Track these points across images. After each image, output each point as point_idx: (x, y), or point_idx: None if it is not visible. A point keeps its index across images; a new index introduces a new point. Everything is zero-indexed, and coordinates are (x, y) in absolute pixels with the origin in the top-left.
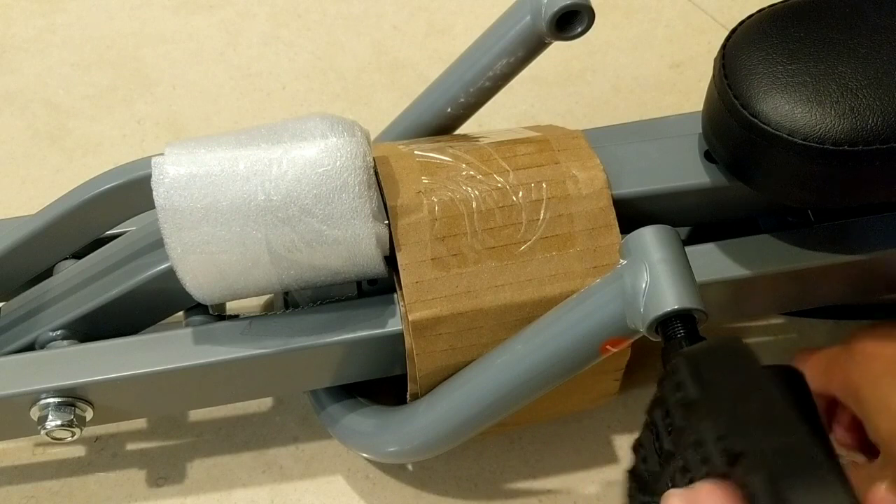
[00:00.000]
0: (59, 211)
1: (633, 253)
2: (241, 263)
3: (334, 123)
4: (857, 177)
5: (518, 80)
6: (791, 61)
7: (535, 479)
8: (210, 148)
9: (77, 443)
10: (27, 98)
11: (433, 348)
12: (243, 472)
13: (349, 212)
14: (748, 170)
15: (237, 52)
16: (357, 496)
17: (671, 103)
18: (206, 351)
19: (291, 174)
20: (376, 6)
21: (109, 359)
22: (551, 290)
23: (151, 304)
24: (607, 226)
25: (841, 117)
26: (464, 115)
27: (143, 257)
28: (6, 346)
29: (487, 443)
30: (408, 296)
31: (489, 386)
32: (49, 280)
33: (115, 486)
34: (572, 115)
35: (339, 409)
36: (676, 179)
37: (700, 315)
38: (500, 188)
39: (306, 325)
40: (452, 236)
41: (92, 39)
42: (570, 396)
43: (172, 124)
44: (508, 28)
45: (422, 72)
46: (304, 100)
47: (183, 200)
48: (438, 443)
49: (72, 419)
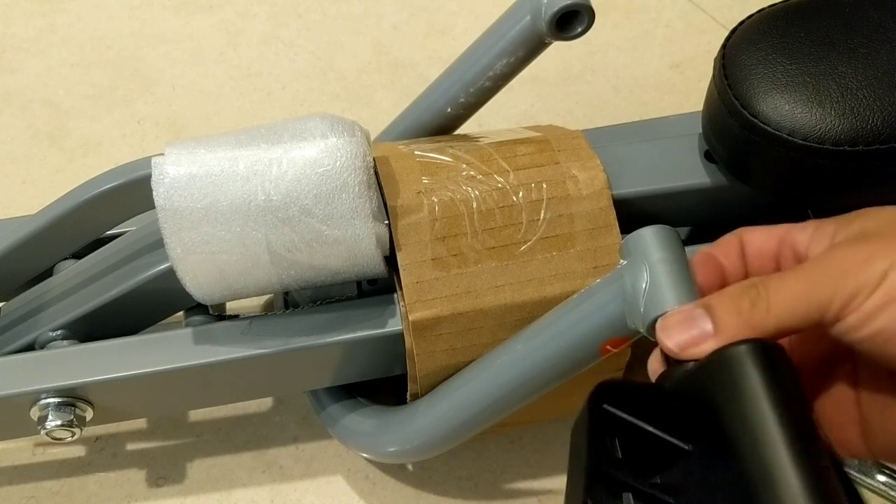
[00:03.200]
0: (59, 211)
1: (633, 253)
2: (241, 263)
3: (334, 123)
4: (857, 177)
5: (518, 80)
6: (791, 61)
7: (535, 479)
8: (210, 148)
9: (77, 443)
10: (27, 98)
11: (433, 348)
12: (243, 472)
13: (349, 212)
14: (748, 170)
15: (237, 52)
16: (357, 496)
17: (671, 103)
18: (206, 351)
19: (291, 174)
20: (376, 6)
21: (109, 359)
22: (551, 290)
23: (151, 304)
24: (607, 226)
25: (841, 117)
26: (464, 115)
27: (143, 257)
28: (6, 346)
29: (487, 443)
30: (408, 296)
31: (489, 386)
32: (49, 280)
33: (115, 486)
34: (572, 115)
35: (339, 409)
36: (676, 179)
37: None
38: (501, 188)
39: (306, 325)
40: (453, 236)
41: (92, 39)
42: (570, 396)
43: (172, 124)
44: (508, 28)
45: (422, 72)
46: (304, 100)
47: (183, 200)
48: (438, 443)
49: (72, 419)
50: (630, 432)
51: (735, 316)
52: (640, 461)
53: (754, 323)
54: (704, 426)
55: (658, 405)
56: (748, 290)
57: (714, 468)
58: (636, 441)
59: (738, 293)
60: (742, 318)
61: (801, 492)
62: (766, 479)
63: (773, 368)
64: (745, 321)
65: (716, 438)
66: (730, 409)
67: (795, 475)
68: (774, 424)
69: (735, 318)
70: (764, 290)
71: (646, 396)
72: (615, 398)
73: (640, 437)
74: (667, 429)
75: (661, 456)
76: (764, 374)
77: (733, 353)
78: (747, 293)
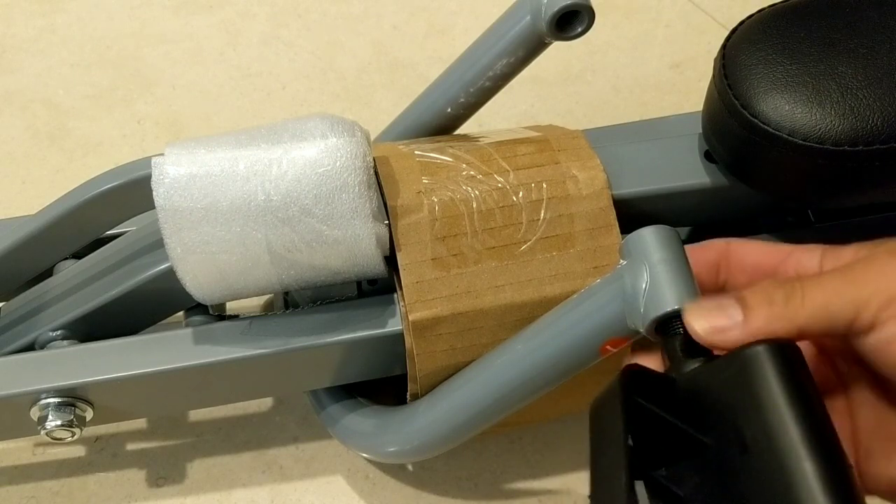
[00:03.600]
0: (59, 211)
1: (633, 253)
2: (241, 263)
3: (334, 123)
4: (857, 177)
5: (518, 80)
6: (791, 61)
7: (535, 479)
8: (210, 148)
9: (77, 443)
10: (27, 98)
11: (433, 348)
12: (243, 472)
13: (349, 212)
14: (748, 170)
15: (237, 52)
16: (357, 496)
17: (671, 103)
18: (206, 351)
19: (291, 174)
20: (376, 6)
21: (109, 359)
22: (551, 290)
23: (151, 304)
24: (607, 226)
25: (841, 117)
26: (464, 115)
27: (143, 257)
28: (6, 346)
29: (487, 443)
30: (408, 296)
31: (489, 386)
32: (49, 280)
33: (115, 486)
34: (572, 115)
35: (339, 409)
36: (676, 179)
37: None
38: (501, 188)
39: (306, 325)
40: (453, 236)
41: (92, 39)
42: (570, 396)
43: (172, 124)
44: (508, 28)
45: (422, 72)
46: (304, 100)
47: (183, 201)
48: (438, 443)
49: (72, 419)
50: (644, 420)
51: (767, 307)
52: (651, 450)
53: (787, 316)
54: (717, 421)
55: (670, 396)
56: (783, 284)
57: (727, 464)
58: (649, 429)
59: (774, 286)
60: (774, 309)
61: (822, 492)
62: (786, 479)
63: (791, 368)
64: (776, 313)
65: (730, 434)
66: (747, 406)
67: (815, 475)
68: (794, 424)
69: (767, 310)
70: (800, 285)
71: (660, 386)
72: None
73: (653, 425)
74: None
75: (671, 447)
76: (782, 374)
77: (752, 352)
78: (782, 287)
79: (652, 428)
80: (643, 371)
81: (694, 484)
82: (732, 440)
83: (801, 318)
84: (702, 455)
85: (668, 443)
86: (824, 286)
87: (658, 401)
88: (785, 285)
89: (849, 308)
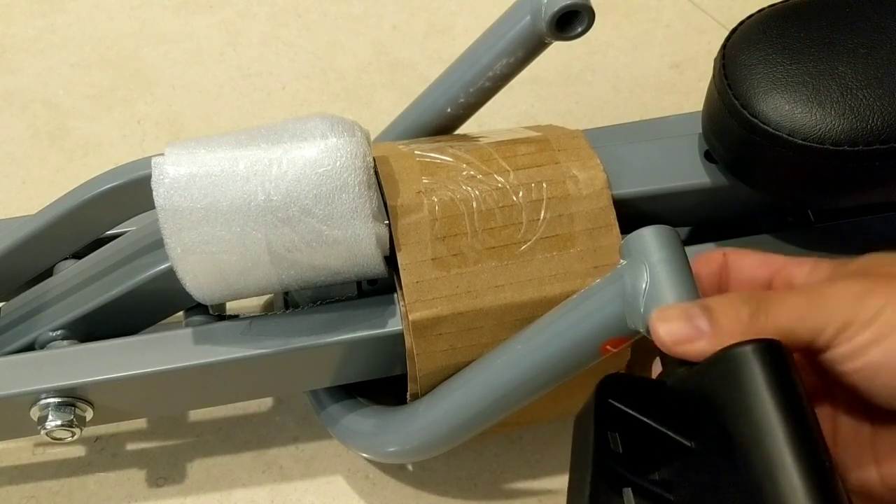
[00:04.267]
0: (59, 211)
1: (633, 253)
2: (241, 263)
3: (334, 123)
4: (857, 177)
5: (518, 80)
6: (791, 61)
7: (535, 479)
8: (210, 148)
9: (77, 443)
10: (27, 98)
11: (433, 348)
12: (243, 472)
13: (349, 212)
14: (748, 170)
15: (237, 52)
16: (357, 496)
17: (671, 103)
18: (206, 351)
19: (291, 174)
20: (376, 6)
21: (109, 359)
22: (551, 290)
23: (151, 304)
24: (607, 226)
25: (841, 117)
26: (464, 115)
27: (143, 257)
28: (6, 346)
29: (487, 443)
30: (408, 296)
31: (489, 386)
32: (49, 280)
33: (115, 486)
34: (572, 115)
35: (339, 409)
36: (676, 179)
37: None
38: (501, 188)
39: (306, 325)
40: (453, 236)
41: (92, 39)
42: (570, 396)
43: (172, 124)
44: (508, 28)
45: (422, 72)
46: (304, 100)
47: (183, 201)
48: (438, 443)
49: (72, 419)
50: (631, 427)
51: (734, 321)
52: (640, 456)
53: (751, 332)
54: (706, 424)
55: (659, 401)
56: (749, 300)
57: (715, 466)
58: (636, 436)
59: (740, 300)
60: (740, 325)
61: (805, 492)
62: (770, 479)
63: (778, 369)
64: (742, 329)
65: (718, 436)
66: (733, 407)
67: (799, 475)
68: (779, 424)
69: (733, 324)
70: (765, 302)
71: (648, 392)
72: (618, 392)
73: (640, 432)
74: (668, 425)
75: (661, 452)
76: (769, 374)
77: (739, 352)
78: (748, 302)
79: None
80: (628, 378)
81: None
82: (721, 442)
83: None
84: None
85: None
86: (788, 306)
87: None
88: (750, 301)
89: (807, 330)
